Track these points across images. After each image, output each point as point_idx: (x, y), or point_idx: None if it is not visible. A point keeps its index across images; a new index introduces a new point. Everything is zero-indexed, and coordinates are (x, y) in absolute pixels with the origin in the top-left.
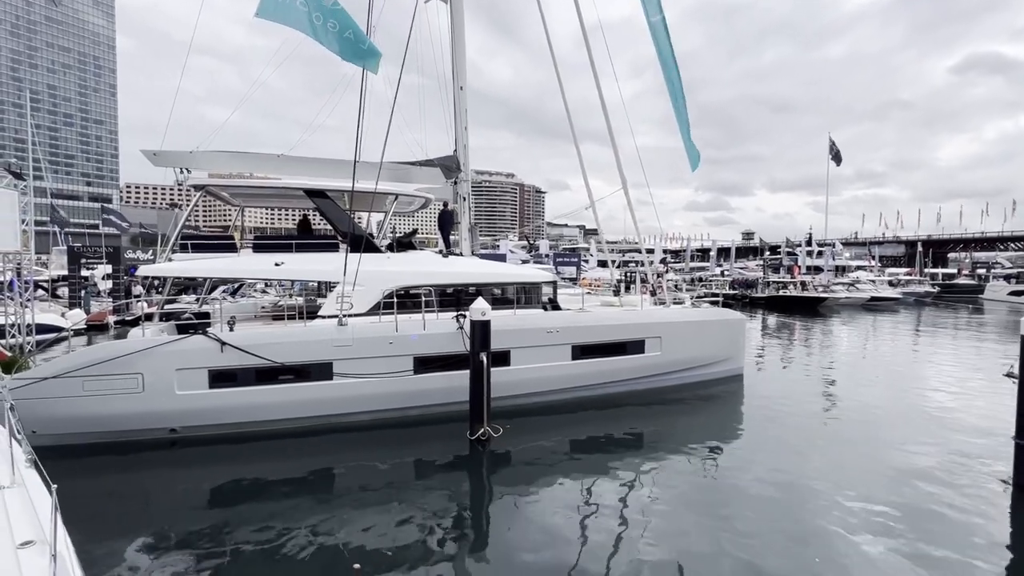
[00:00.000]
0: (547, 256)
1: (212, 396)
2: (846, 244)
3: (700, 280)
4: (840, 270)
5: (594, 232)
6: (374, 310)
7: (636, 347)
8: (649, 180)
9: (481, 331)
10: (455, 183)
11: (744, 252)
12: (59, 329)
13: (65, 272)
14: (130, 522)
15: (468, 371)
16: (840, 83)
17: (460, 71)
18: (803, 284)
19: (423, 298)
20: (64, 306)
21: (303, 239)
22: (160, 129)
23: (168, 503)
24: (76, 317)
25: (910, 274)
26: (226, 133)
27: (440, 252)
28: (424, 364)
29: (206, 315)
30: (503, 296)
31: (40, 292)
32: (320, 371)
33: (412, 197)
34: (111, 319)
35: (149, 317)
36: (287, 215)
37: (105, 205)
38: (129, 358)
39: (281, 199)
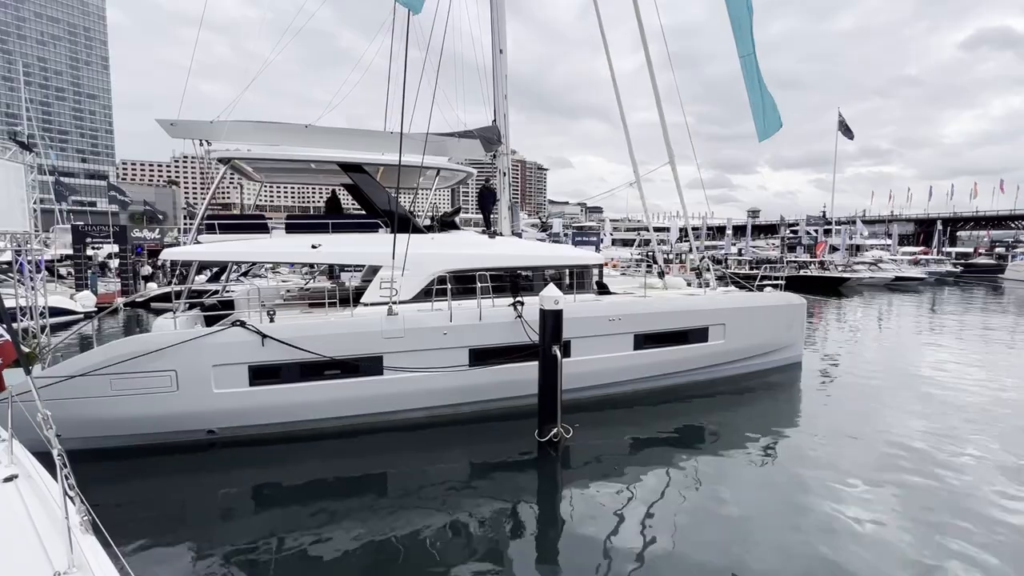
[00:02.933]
0: (565, 235)
1: (253, 394)
2: (864, 222)
3: (715, 260)
4: (855, 249)
5: (595, 210)
6: (420, 297)
7: (699, 335)
8: (650, 157)
9: (553, 321)
10: (493, 156)
11: (752, 230)
12: (69, 312)
13: (69, 251)
14: (166, 531)
15: (527, 363)
16: (848, 58)
17: (500, 33)
18: (821, 264)
19: (478, 284)
20: (69, 287)
21: (335, 218)
22: (152, 104)
23: (206, 510)
24: (86, 300)
25: (926, 253)
26: (220, 107)
27: (485, 232)
28: (480, 356)
29: (230, 302)
30: (550, 279)
31: (46, 273)
32: (370, 365)
33: (454, 172)
34: (120, 301)
35: (159, 299)
36: (285, 192)
37: (111, 182)
38: (161, 353)
39: (310, 174)
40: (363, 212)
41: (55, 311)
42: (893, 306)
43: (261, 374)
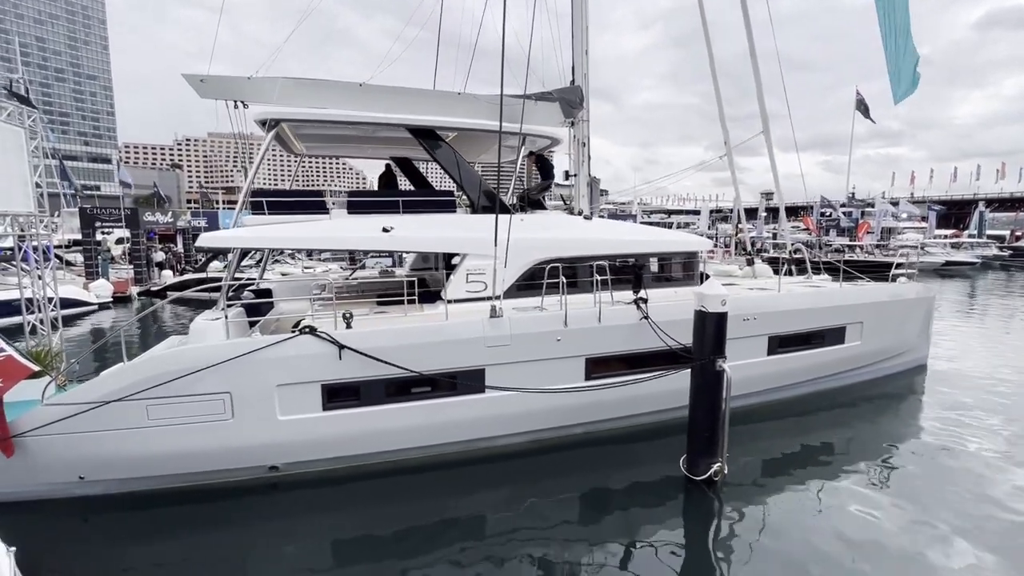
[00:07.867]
0: (601, 216)
1: (328, 420)
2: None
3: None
4: (887, 232)
5: (604, 192)
6: (511, 292)
7: (836, 336)
8: (657, 138)
9: (716, 327)
10: (572, 123)
11: (771, 212)
12: (82, 304)
13: (78, 236)
14: None
15: (652, 374)
16: (857, 38)
17: None
18: (861, 247)
19: (596, 276)
20: (77, 274)
21: (407, 195)
22: (150, 85)
23: (268, 570)
24: (102, 289)
25: (957, 235)
26: None
27: (573, 212)
28: (596, 366)
29: (267, 293)
30: (654, 269)
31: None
32: (470, 381)
33: (535, 139)
34: (134, 290)
35: (176, 288)
36: (297, 176)
37: (122, 164)
38: (211, 371)
39: (361, 144)
40: (434, 188)
41: (67, 303)
42: (963, 293)
43: (337, 395)
